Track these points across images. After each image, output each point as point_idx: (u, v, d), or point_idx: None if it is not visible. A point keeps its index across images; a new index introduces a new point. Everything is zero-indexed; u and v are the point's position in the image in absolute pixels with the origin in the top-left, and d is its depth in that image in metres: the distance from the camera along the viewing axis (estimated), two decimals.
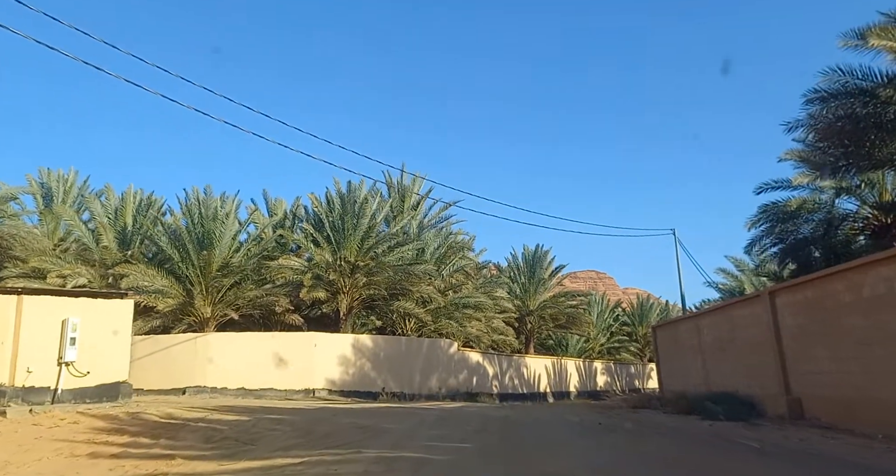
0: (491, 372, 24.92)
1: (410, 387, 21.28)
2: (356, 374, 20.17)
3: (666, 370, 15.32)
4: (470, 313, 26.53)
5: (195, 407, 12.32)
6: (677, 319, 14.86)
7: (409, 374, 21.48)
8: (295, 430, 9.52)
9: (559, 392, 28.89)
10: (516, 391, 26.09)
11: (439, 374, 22.29)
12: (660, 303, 45.64)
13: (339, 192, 24.33)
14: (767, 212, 18.17)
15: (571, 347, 35.90)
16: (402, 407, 13.02)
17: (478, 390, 23.59)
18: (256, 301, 21.60)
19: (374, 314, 25.44)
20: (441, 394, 22.02)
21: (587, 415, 11.52)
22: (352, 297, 23.51)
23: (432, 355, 22.43)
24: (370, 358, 20.74)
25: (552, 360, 29.70)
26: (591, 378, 32.38)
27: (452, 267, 27.19)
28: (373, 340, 21.34)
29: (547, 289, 34.33)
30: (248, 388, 18.24)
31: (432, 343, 22.90)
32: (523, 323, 33.08)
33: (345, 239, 23.75)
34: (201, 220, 21.47)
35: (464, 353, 23.79)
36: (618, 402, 18.15)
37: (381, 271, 23.10)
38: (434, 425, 9.68)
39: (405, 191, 29.59)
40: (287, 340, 19.58)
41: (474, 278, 29.28)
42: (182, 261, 20.98)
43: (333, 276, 22.38)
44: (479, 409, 12.92)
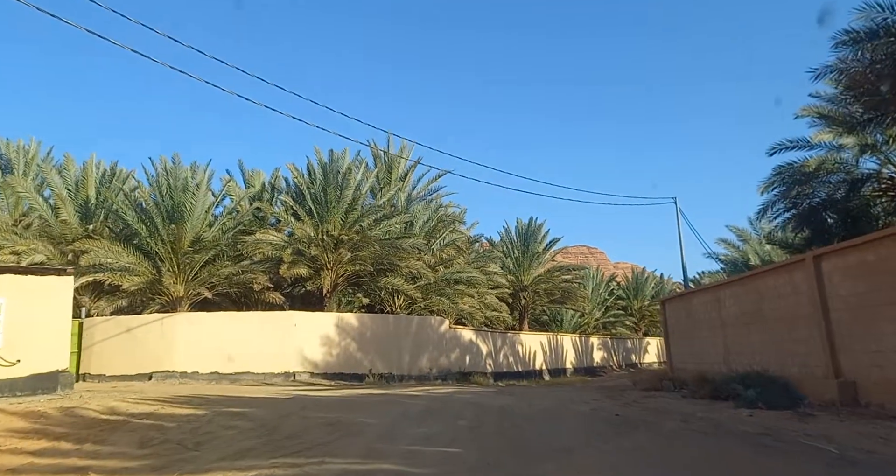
0: (485, 350, 23.41)
1: (399, 367, 19.72)
2: (341, 356, 18.57)
3: (677, 347, 13.79)
4: (462, 289, 24.91)
5: (148, 398, 10.63)
6: (691, 291, 13.28)
7: (398, 355, 19.90)
8: (255, 429, 7.87)
9: (555, 369, 27.50)
10: (511, 369, 24.63)
11: (430, 354, 20.74)
12: (654, 276, 44.24)
13: (320, 161, 22.47)
14: (782, 174, 16.51)
15: (566, 323, 34.46)
16: (386, 394, 11.39)
17: (471, 369, 22.09)
18: (233, 279, 19.85)
19: (361, 291, 23.76)
20: (432, 374, 20.49)
21: (596, 401, 9.94)
22: (336, 274, 21.80)
23: (422, 334, 20.85)
24: (355, 338, 19.12)
25: (548, 336, 28.23)
26: (588, 354, 31.02)
27: (443, 241, 25.47)
28: (358, 319, 19.69)
29: (541, 263, 32.74)
30: (222, 373, 16.59)
31: (422, 321, 21.29)
32: (517, 298, 31.54)
33: (327, 212, 21.95)
34: (170, 191, 19.57)
35: (455, 330, 22.22)
36: (624, 383, 16.68)
37: (367, 246, 21.38)
38: (419, 419, 8.05)
39: (392, 161, 27.70)
40: (264, 320, 17.89)
41: (466, 253, 27.62)
42: (150, 236, 19.14)
43: (315, 252, 20.63)
44: (472, 395, 11.30)
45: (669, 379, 12.12)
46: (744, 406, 8.04)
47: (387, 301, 23.79)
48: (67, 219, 19.11)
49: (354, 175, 22.48)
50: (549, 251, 32.80)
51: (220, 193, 21.00)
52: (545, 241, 32.67)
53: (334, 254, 21.17)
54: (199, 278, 19.72)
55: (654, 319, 42.91)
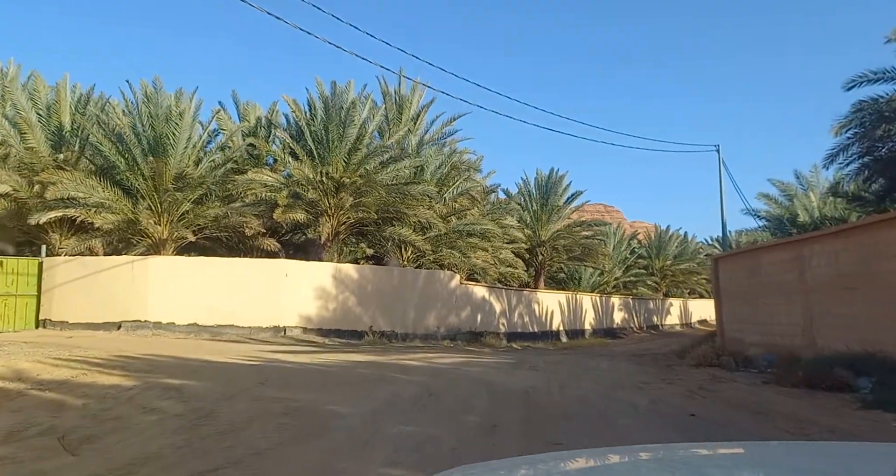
0: (498, 308, 21.08)
1: (403, 325, 17.47)
2: (338, 310, 16.31)
3: (732, 313, 11.28)
4: (475, 242, 22.39)
5: (77, 358, 8.39)
6: (758, 247, 10.62)
7: (403, 311, 17.63)
8: (183, 415, 5.56)
9: (573, 330, 25.21)
10: (526, 330, 22.36)
11: (438, 311, 18.45)
12: (677, 235, 41.37)
13: (322, 95, 19.69)
14: (862, 111, 13.59)
15: (585, 281, 32.00)
16: (378, 364, 9.04)
17: (483, 329, 19.83)
18: (221, 221, 17.49)
19: (365, 241, 21.36)
20: (440, 333, 18.25)
21: (647, 385, 7.50)
22: (338, 221, 19.36)
23: (430, 289, 18.51)
24: (355, 291, 16.82)
25: (566, 295, 25.83)
26: (608, 315, 28.66)
27: (456, 189, 22.80)
28: (358, 271, 17.34)
29: (561, 218, 30.02)
30: (202, 324, 14.41)
31: (430, 275, 18.92)
32: (534, 254, 29.02)
33: (329, 152, 19.34)
34: (151, 120, 17.03)
35: (467, 286, 19.86)
36: (658, 349, 14.31)
37: (372, 191, 18.85)
38: (412, 409, 5.68)
39: (403, 100, 24.79)
40: (252, 268, 15.59)
41: (481, 204, 24.94)
42: (130, 170, 16.74)
43: (314, 195, 18.15)
44: (483, 369, 8.91)
45: (728, 353, 9.64)
46: (876, 406, 5.52)
47: (393, 253, 21.38)
48: (36, 146, 16.69)
49: (359, 112, 19.73)
50: (570, 205, 30.03)
51: (207, 124, 18.37)
52: (566, 194, 29.86)
53: (335, 198, 18.68)
54: (185, 220, 17.40)
55: (677, 279, 40.37)
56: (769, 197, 24.93)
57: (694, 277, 41.58)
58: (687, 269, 40.73)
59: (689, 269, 40.87)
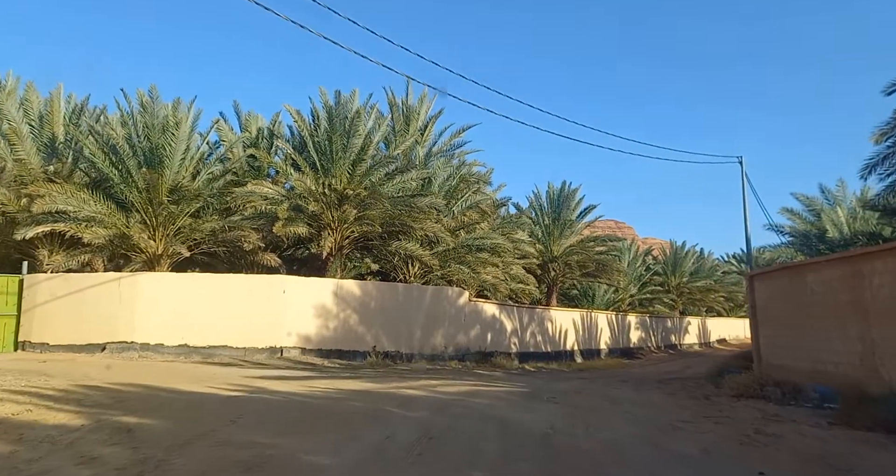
0: (509, 327, 19.88)
1: (409, 345, 16.33)
2: (339, 330, 15.21)
3: (772, 337, 10.05)
4: (485, 257, 21.27)
5: (29, 388, 7.33)
6: (804, 264, 9.39)
7: (408, 330, 16.49)
8: (122, 468, 4.45)
9: (588, 350, 23.89)
10: (539, 349, 21.10)
11: (446, 330, 17.30)
12: (694, 251, 39.95)
13: (325, 104, 18.81)
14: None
15: (598, 298, 30.68)
16: (373, 394, 7.89)
17: (493, 349, 18.62)
18: (218, 235, 16.53)
19: (371, 256, 20.31)
20: (447, 353, 17.07)
21: (689, 423, 6.31)
22: (341, 235, 18.37)
23: (437, 306, 17.38)
24: (357, 309, 15.73)
25: (581, 313, 24.55)
26: (625, 333, 27.30)
27: (465, 202, 21.77)
28: (361, 287, 16.26)
29: (574, 232, 28.85)
30: (193, 346, 13.35)
31: (437, 291, 17.81)
32: (546, 270, 27.82)
33: (332, 163, 18.41)
34: (147, 130, 16.21)
35: (476, 304, 18.71)
36: (680, 371, 13.03)
37: (377, 203, 17.85)
38: (407, 458, 4.55)
39: (410, 111, 23.91)
40: (247, 285, 14.55)
41: (491, 217, 23.88)
42: (124, 182, 15.87)
43: (316, 208, 17.17)
44: (493, 401, 7.72)
45: (773, 382, 8.40)
46: None
47: (400, 268, 20.31)
48: (25, 158, 15.89)
49: (364, 121, 18.82)
50: (584, 219, 28.87)
51: (206, 134, 17.50)
52: (579, 208, 28.72)
53: (338, 211, 17.70)
54: (181, 234, 16.47)
55: (694, 297, 38.88)
56: (793, 212, 23.64)
57: (711, 295, 40.06)
58: (704, 287, 39.25)
59: (706, 287, 39.39)
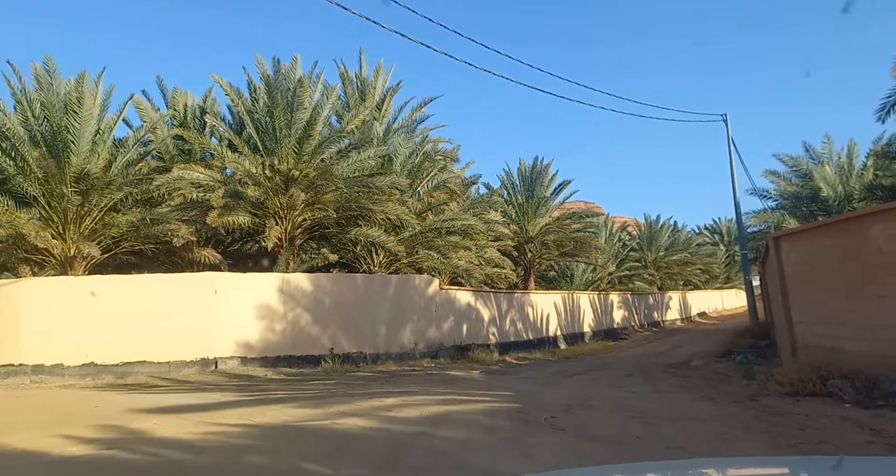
0: (486, 316, 17.56)
1: (373, 344, 13.88)
2: (287, 332, 12.68)
3: (812, 311, 7.89)
4: (456, 241, 18.89)
5: None
6: (864, 213, 7.11)
7: (371, 327, 14.04)
8: None
9: (572, 334, 21.75)
10: (520, 338, 18.85)
11: (415, 324, 14.89)
12: (668, 224, 38.22)
13: (263, 75, 16.06)
14: None
15: (577, 278, 28.60)
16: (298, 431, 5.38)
17: (469, 341, 16.29)
18: (141, 230, 13.78)
19: (328, 246, 17.72)
20: (418, 350, 14.68)
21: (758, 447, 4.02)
22: (292, 223, 15.78)
23: (404, 298, 14.95)
24: (309, 306, 13.20)
25: (562, 295, 22.37)
26: (608, 314, 25.26)
27: (431, 182, 19.34)
28: (312, 281, 13.70)
29: (549, 210, 26.68)
30: (102, 363, 10.68)
31: (403, 281, 15.37)
32: (522, 252, 25.58)
33: (275, 142, 15.77)
34: (46, 111, 13.32)
35: (448, 292, 16.33)
36: (691, 358, 10.85)
37: (329, 185, 15.33)
38: None
39: (365, 86, 21.27)
40: (171, 286, 11.88)
41: (460, 197, 21.49)
42: (21, 173, 13.01)
43: (256, 193, 14.52)
44: (470, 433, 5.24)
45: (841, 375, 6.18)
46: None
47: (363, 258, 17.79)
48: None
49: (310, 92, 16.20)
50: (558, 196, 26.66)
51: (121, 112, 14.60)
52: (553, 184, 26.49)
53: (285, 196, 15.08)
54: (97, 232, 13.68)
55: (671, 271, 37.14)
56: (777, 174, 21.75)
57: (688, 268, 38.41)
58: (681, 260, 37.57)
59: (682, 260, 37.71)
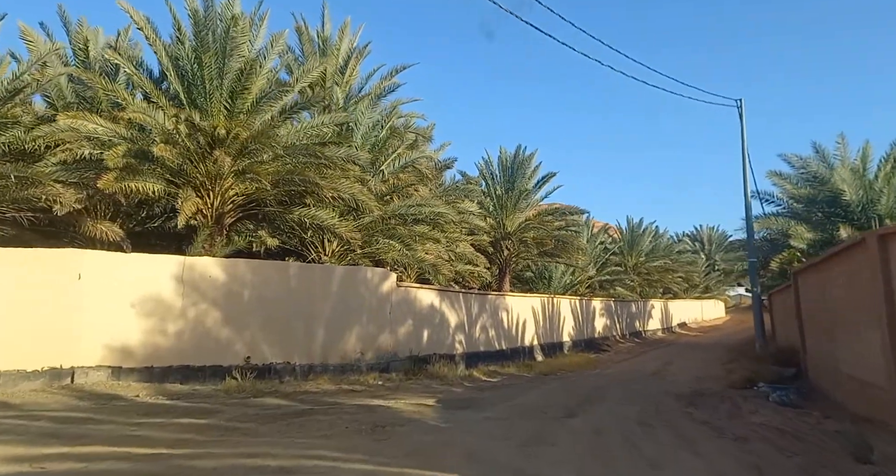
0: (453, 320, 14.32)
1: (306, 352, 10.54)
2: (187, 335, 9.25)
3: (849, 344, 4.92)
4: (424, 231, 15.66)
5: None
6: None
7: (306, 330, 10.68)
8: None
9: (550, 344, 18.65)
10: (491, 347, 15.66)
11: (363, 328, 11.58)
12: (651, 229, 35.55)
13: (191, 10, 12.49)
14: None
15: (556, 281, 25.58)
16: None
17: (431, 351, 13.04)
18: (8, 192, 10.20)
19: (268, 228, 14.27)
20: (364, 362, 11.37)
21: None
22: (221, 197, 12.34)
23: (351, 294, 11.63)
24: (220, 301, 9.78)
25: (541, 298, 19.24)
26: (589, 322, 22.28)
27: (398, 161, 16.02)
28: (227, 268, 10.25)
29: (529, 205, 23.63)
30: None
31: (351, 274, 12.04)
32: (498, 249, 22.47)
33: (205, 96, 12.30)
34: None
35: (408, 290, 13.06)
36: (705, 382, 7.67)
37: (266, 150, 11.99)
38: None
39: (327, 46, 17.85)
40: (14, 269, 8.33)
41: (431, 182, 18.21)
42: None
43: (169, 154, 11.02)
44: None
45: None
46: None
47: (312, 246, 14.40)
48: None
49: (250, 35, 12.75)
50: (541, 190, 23.61)
51: None
52: (536, 176, 23.45)
53: (210, 161, 11.64)
54: None
55: (651, 278, 34.45)
56: (782, 176, 19.01)
57: (669, 275, 35.83)
58: (662, 267, 34.95)
59: (663, 267, 35.11)
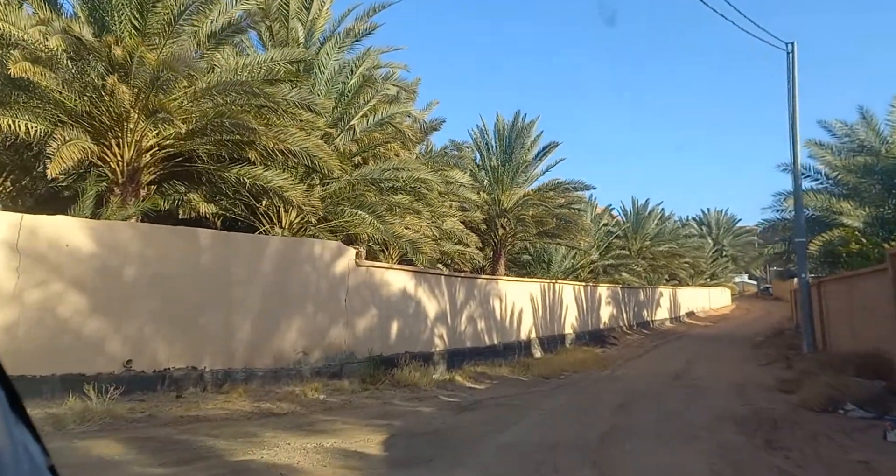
0: (432, 310, 11.15)
1: (224, 354, 7.40)
2: (23, 329, 6.10)
3: None
4: (402, 202, 12.53)
5: None
6: None
7: (223, 322, 7.53)
8: None
9: (550, 337, 15.56)
10: (479, 343, 12.52)
11: (309, 319, 8.43)
12: (657, 211, 32.42)
13: None
14: None
15: (556, 265, 22.45)
16: None
17: (401, 349, 9.91)
18: None
19: (203, 190, 11.02)
20: (308, 365, 8.24)
21: None
22: (133, 146, 9.12)
23: (291, 275, 8.44)
24: (84, 280, 6.60)
25: (541, 284, 16.10)
26: (594, 311, 19.18)
27: (373, 117, 12.74)
28: (97, 233, 7.00)
29: (529, 179, 20.43)
30: None
31: (292, 247, 8.85)
32: (492, 228, 19.32)
33: (110, 8, 9.00)
34: None
35: (371, 271, 9.88)
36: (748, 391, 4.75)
37: (180, 81, 8.78)
38: None
39: None
40: None
41: (414, 144, 14.95)
42: None
43: (49, 83, 7.77)
44: None
45: None
46: None
47: (265, 216, 11.19)
48: None
49: None
50: (542, 162, 20.36)
51: None
52: (536, 147, 20.21)
53: (107, 92, 8.39)
54: None
55: (657, 263, 31.40)
56: (823, 145, 15.93)
57: (675, 261, 32.78)
58: (668, 252, 31.89)
59: (670, 252, 32.05)
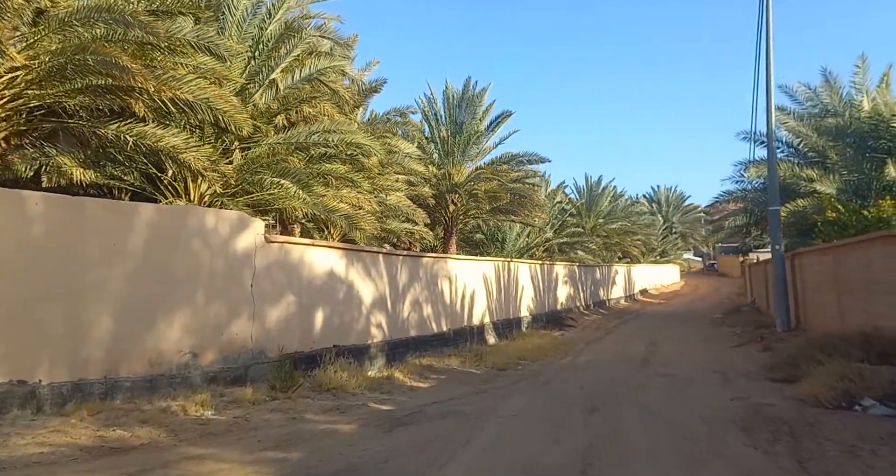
0: (368, 295, 9.28)
1: (72, 360, 5.34)
2: None
3: None
4: (337, 171, 10.52)
5: None
6: None
7: (68, 317, 5.45)
8: None
9: (505, 321, 13.99)
10: (427, 330, 10.76)
11: (200, 311, 6.42)
12: (611, 189, 31.47)
13: None
14: None
15: (510, 244, 20.99)
16: None
17: (329, 343, 8.04)
18: None
19: (77, 153, 8.67)
20: (199, 369, 6.26)
21: None
22: None
23: (174, 254, 6.38)
24: None
25: (495, 263, 14.43)
26: (551, 291, 17.77)
27: (299, 72, 10.56)
28: None
29: (481, 151, 18.73)
30: None
31: (175, 218, 6.75)
32: (443, 204, 17.57)
33: None
34: None
35: (287, 248, 7.89)
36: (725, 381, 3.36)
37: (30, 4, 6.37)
38: None
39: None
40: None
41: (350, 107, 12.85)
42: None
43: None
44: None
45: None
46: None
47: (171, 188, 8.96)
48: None
49: None
50: (495, 132, 18.68)
51: None
52: (488, 116, 18.48)
53: None
54: None
55: (610, 241, 30.54)
56: (785, 111, 14.96)
57: (628, 238, 32.05)
58: (621, 229, 31.11)
59: (623, 229, 31.27)
